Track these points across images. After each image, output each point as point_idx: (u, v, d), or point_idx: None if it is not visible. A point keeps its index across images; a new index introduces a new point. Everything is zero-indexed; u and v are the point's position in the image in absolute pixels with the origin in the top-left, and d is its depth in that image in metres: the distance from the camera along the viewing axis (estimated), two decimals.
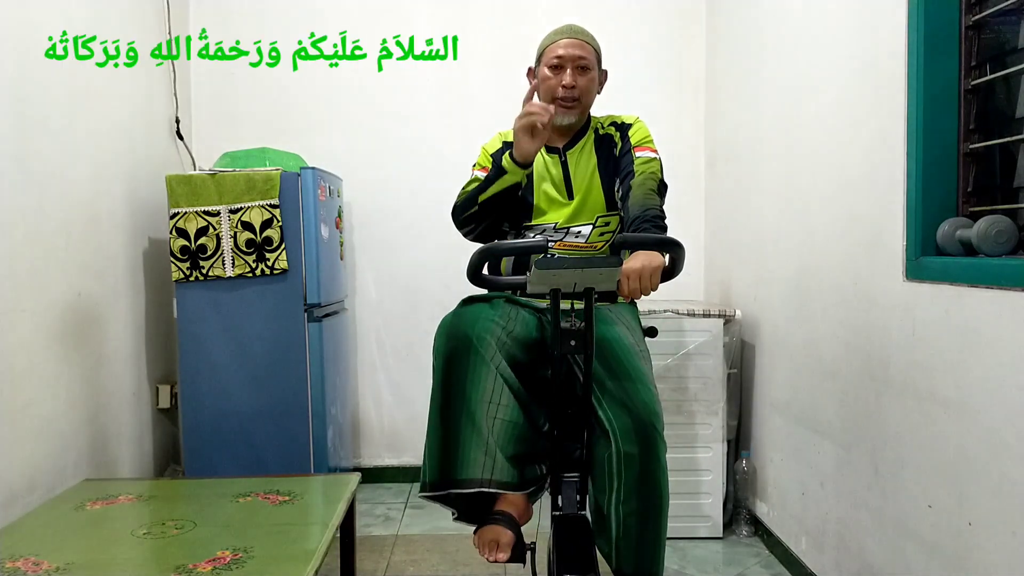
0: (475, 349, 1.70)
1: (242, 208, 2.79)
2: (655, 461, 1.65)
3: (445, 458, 1.69)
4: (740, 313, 2.89)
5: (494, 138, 2.05)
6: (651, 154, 1.91)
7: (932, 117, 1.71)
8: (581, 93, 1.90)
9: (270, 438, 2.84)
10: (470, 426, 1.67)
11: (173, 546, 1.74)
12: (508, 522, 1.66)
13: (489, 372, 1.70)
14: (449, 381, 1.71)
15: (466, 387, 1.69)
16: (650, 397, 1.69)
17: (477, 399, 1.68)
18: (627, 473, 1.64)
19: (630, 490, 1.64)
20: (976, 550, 1.55)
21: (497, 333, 1.74)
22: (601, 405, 1.69)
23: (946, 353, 1.64)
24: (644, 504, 1.65)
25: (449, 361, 1.72)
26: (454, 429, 1.69)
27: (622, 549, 1.67)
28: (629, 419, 1.65)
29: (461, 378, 1.70)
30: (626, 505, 1.65)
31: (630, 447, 1.63)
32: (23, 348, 2.15)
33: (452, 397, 1.70)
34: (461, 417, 1.68)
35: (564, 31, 1.93)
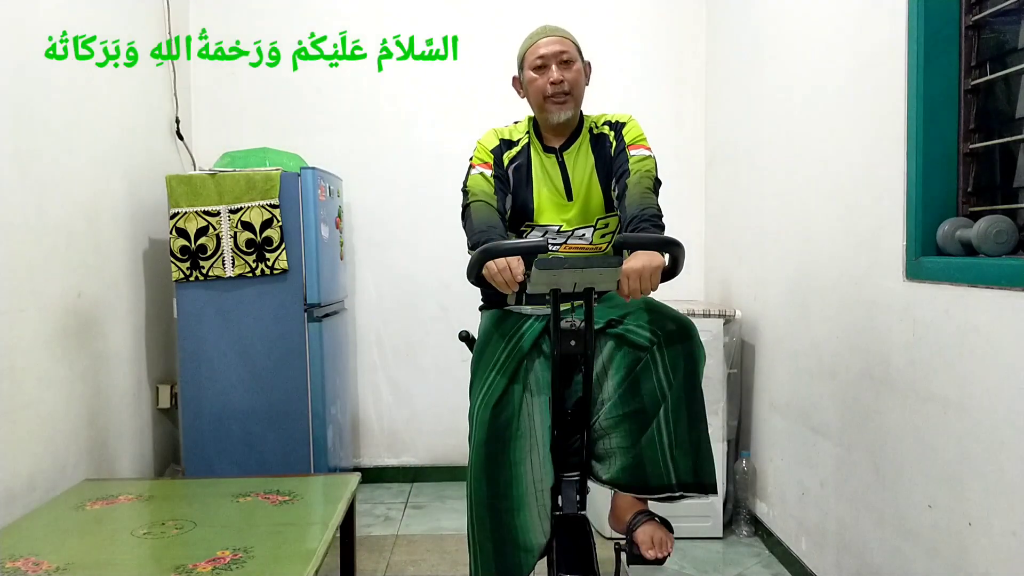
0: (514, 460, 1.74)
1: (242, 208, 2.79)
2: (698, 367, 1.78)
3: (502, 547, 1.74)
4: (740, 313, 2.89)
5: (488, 134, 2.03)
6: (645, 152, 1.90)
7: (932, 117, 1.71)
8: (571, 86, 1.89)
9: (270, 438, 2.84)
10: (523, 509, 1.74)
11: (173, 546, 1.74)
12: None
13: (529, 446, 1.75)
14: (494, 474, 1.74)
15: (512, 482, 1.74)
16: (677, 312, 1.83)
17: (527, 485, 1.74)
18: (675, 378, 1.73)
19: (679, 397, 1.74)
20: (976, 550, 1.55)
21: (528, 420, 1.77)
22: (632, 331, 1.78)
23: (946, 353, 1.64)
24: (692, 410, 1.75)
25: (489, 453, 1.74)
26: (508, 518, 1.74)
27: (679, 459, 1.73)
28: (670, 322, 1.78)
29: (505, 473, 1.74)
30: (675, 413, 1.73)
31: (675, 348, 1.74)
32: (23, 348, 2.15)
33: (499, 493, 1.74)
34: (513, 510, 1.73)
35: (539, 32, 1.93)
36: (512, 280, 1.56)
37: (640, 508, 1.81)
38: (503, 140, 1.99)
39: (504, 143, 1.98)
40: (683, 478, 1.74)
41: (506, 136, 2.00)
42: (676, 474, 1.73)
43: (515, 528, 1.72)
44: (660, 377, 1.75)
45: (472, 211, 1.86)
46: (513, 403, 1.75)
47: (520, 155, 1.96)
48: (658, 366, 1.75)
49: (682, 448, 1.74)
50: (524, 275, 1.57)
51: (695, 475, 1.74)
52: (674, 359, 1.75)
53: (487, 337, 1.88)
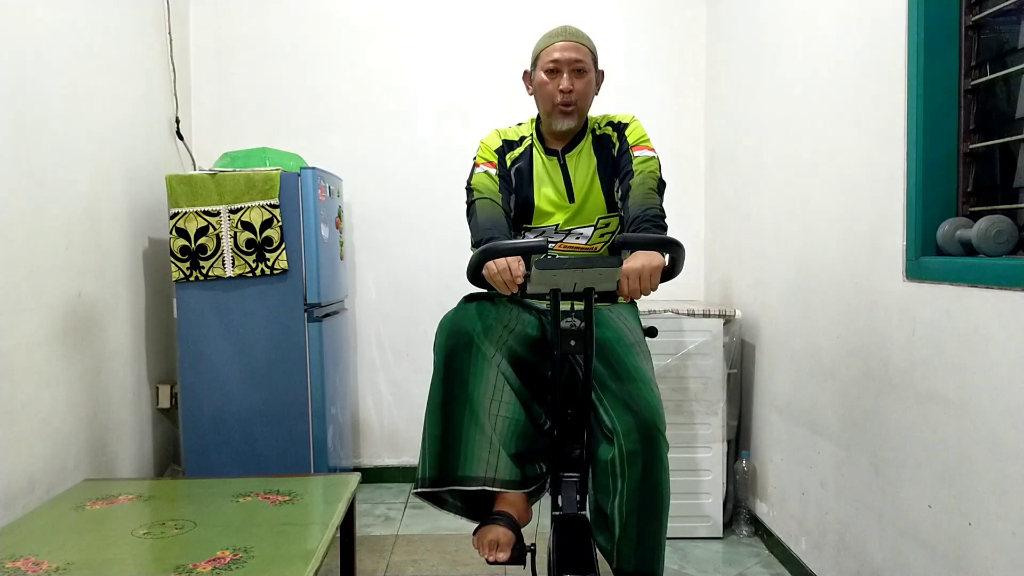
0: (476, 346, 1.70)
1: (242, 208, 2.79)
2: (658, 461, 1.66)
3: (446, 454, 1.69)
4: (740, 313, 2.89)
5: (491, 134, 2.03)
6: (649, 153, 1.90)
7: (932, 117, 1.71)
8: (579, 97, 1.88)
9: (270, 438, 2.84)
10: (473, 423, 1.67)
11: (173, 546, 1.74)
12: (508, 522, 1.66)
13: (491, 369, 1.70)
14: (451, 378, 1.71)
15: (468, 384, 1.69)
16: (652, 397, 1.69)
17: (480, 396, 1.68)
18: (630, 473, 1.64)
19: (632, 490, 1.65)
20: (976, 550, 1.55)
21: (499, 331, 1.74)
22: (603, 405, 1.69)
23: (946, 353, 1.64)
24: (646, 504, 1.66)
25: (450, 358, 1.72)
26: (456, 425, 1.69)
27: (623, 549, 1.67)
28: (632, 419, 1.65)
29: (463, 375, 1.70)
30: (628, 505, 1.65)
31: (633, 446, 1.63)
32: (23, 348, 2.15)
33: (454, 394, 1.70)
34: (464, 414, 1.68)
35: (559, 33, 1.90)
36: (512, 281, 1.56)
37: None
38: (506, 141, 1.99)
39: (507, 144, 1.98)
40: (623, 567, 1.68)
41: (509, 137, 2.00)
42: (618, 561, 1.68)
43: (465, 435, 1.68)
44: (616, 470, 1.66)
45: (477, 208, 1.86)
46: (484, 312, 1.74)
47: (522, 157, 1.96)
48: (615, 460, 1.66)
49: (629, 540, 1.67)
50: (524, 276, 1.56)
51: (636, 567, 1.67)
52: (631, 460, 1.65)
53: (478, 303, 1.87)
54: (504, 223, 1.80)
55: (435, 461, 1.70)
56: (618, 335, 1.80)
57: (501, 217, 1.82)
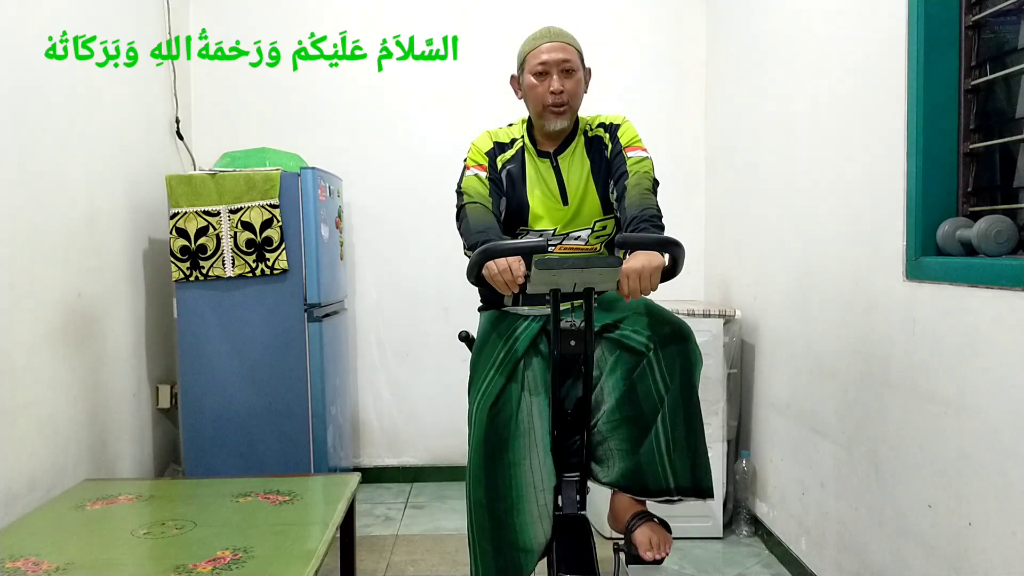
0: (512, 475, 1.75)
1: (242, 208, 2.79)
2: (695, 371, 1.78)
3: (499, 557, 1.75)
4: (740, 313, 2.89)
5: (482, 136, 2.01)
6: (642, 153, 1.90)
7: (932, 117, 1.71)
8: (569, 97, 1.87)
9: (270, 438, 2.84)
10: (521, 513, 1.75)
11: (173, 546, 1.74)
12: None
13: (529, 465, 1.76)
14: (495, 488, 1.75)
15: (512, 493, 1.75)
16: (674, 315, 1.83)
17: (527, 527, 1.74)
18: (672, 382, 1.74)
19: (676, 402, 1.74)
20: (976, 550, 1.55)
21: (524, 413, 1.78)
22: (628, 336, 1.79)
23: (946, 353, 1.64)
24: (690, 415, 1.76)
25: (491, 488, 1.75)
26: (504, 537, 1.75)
27: (676, 463, 1.74)
28: (666, 327, 1.78)
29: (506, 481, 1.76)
30: (672, 417, 1.74)
31: (671, 352, 1.75)
32: (23, 348, 2.15)
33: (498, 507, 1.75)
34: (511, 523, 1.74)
35: (543, 35, 1.89)
36: (512, 281, 1.56)
37: (638, 509, 1.81)
38: (497, 143, 1.97)
39: (498, 146, 1.97)
40: (680, 482, 1.75)
41: (500, 139, 1.99)
42: (674, 478, 1.74)
43: (514, 529, 1.72)
44: (657, 381, 1.76)
45: (468, 212, 1.85)
46: (511, 402, 1.76)
47: (514, 159, 1.95)
48: (655, 370, 1.76)
49: (680, 452, 1.75)
50: (524, 276, 1.56)
51: (692, 479, 1.76)
52: (670, 363, 1.75)
53: (485, 338, 1.89)
54: (496, 225, 1.80)
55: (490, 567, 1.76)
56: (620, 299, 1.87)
57: (492, 220, 1.81)
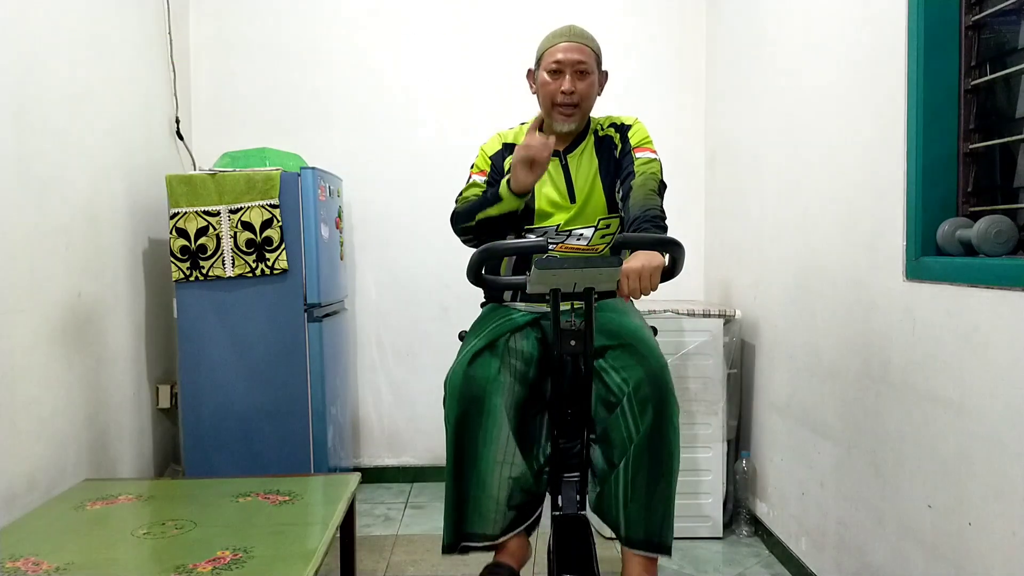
0: (487, 411, 1.74)
1: (242, 208, 2.79)
2: (668, 417, 1.67)
3: (459, 520, 1.77)
4: (740, 313, 2.89)
5: (492, 139, 2.04)
6: (651, 155, 1.91)
7: (932, 117, 1.71)
8: (580, 99, 1.88)
9: (270, 438, 2.84)
10: (481, 490, 1.74)
11: (173, 546, 1.74)
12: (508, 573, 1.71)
13: (500, 431, 1.74)
14: (462, 446, 1.76)
15: (478, 452, 1.74)
16: (659, 356, 1.73)
17: (488, 463, 1.74)
18: (641, 424, 1.66)
19: (641, 446, 1.66)
20: (976, 550, 1.55)
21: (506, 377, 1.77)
22: (608, 372, 1.73)
23: (946, 353, 1.64)
24: (654, 463, 1.67)
25: (461, 426, 1.75)
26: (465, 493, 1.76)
27: (631, 514, 1.67)
28: (642, 371, 1.68)
29: (474, 443, 1.75)
30: (636, 462, 1.66)
31: (643, 397, 1.66)
32: (23, 348, 2.15)
33: (464, 461, 1.76)
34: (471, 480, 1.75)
35: (563, 33, 1.90)
36: (544, 147, 1.66)
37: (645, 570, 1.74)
38: (506, 144, 2.00)
39: (506, 147, 1.99)
40: (631, 534, 1.68)
41: (510, 140, 2.01)
42: (625, 528, 1.68)
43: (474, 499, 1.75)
44: (629, 426, 1.69)
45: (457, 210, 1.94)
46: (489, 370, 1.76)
47: None
48: (627, 415, 1.69)
49: (637, 503, 1.67)
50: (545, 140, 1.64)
51: (645, 532, 1.67)
52: (642, 410, 1.67)
53: (479, 320, 1.94)
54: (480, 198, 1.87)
55: (451, 527, 1.78)
56: (620, 315, 1.84)
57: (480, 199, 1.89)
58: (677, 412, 1.70)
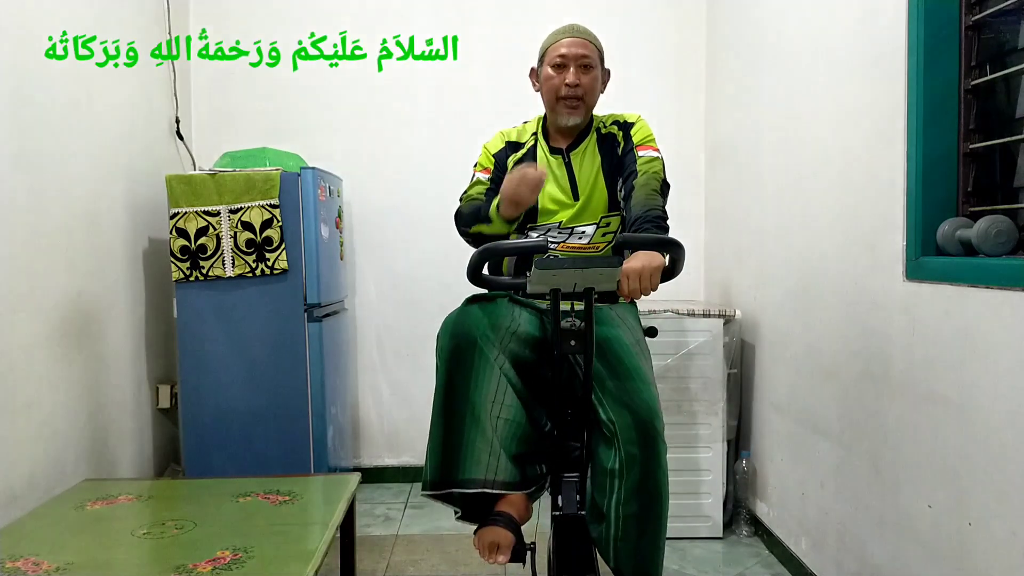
0: (479, 349, 1.70)
1: (242, 208, 2.79)
2: (655, 461, 1.65)
3: (448, 457, 1.69)
4: (740, 313, 2.89)
5: (495, 137, 2.05)
6: (654, 153, 1.91)
7: (932, 117, 1.71)
8: (585, 92, 1.90)
9: (270, 438, 2.84)
10: (474, 426, 1.68)
11: (173, 546, 1.74)
12: (508, 523, 1.65)
13: (493, 372, 1.70)
14: (452, 380, 1.71)
15: (470, 386, 1.69)
16: (651, 396, 1.69)
17: (481, 399, 1.68)
18: (628, 474, 1.63)
19: (630, 492, 1.64)
20: (976, 550, 1.55)
21: (501, 332, 1.74)
22: (602, 404, 1.69)
23: (946, 353, 1.64)
24: (644, 506, 1.65)
25: (453, 360, 1.72)
26: (457, 428, 1.69)
27: (621, 550, 1.66)
28: (630, 418, 1.64)
29: (465, 377, 1.70)
30: (626, 507, 1.64)
31: (631, 447, 1.63)
32: (23, 348, 2.15)
33: (455, 396, 1.70)
34: (465, 416, 1.68)
35: (567, 30, 1.92)
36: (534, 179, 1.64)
37: None
38: (509, 143, 2.00)
39: (510, 145, 1.99)
40: (621, 567, 1.67)
41: (513, 138, 2.01)
42: (615, 561, 1.67)
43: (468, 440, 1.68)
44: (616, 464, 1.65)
45: (461, 210, 1.93)
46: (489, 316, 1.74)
47: (526, 157, 1.97)
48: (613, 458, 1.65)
49: (628, 543, 1.65)
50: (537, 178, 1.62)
51: (633, 570, 1.66)
52: (630, 460, 1.63)
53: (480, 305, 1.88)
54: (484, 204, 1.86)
55: (437, 464, 1.71)
56: (617, 334, 1.80)
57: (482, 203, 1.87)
58: (665, 451, 1.67)
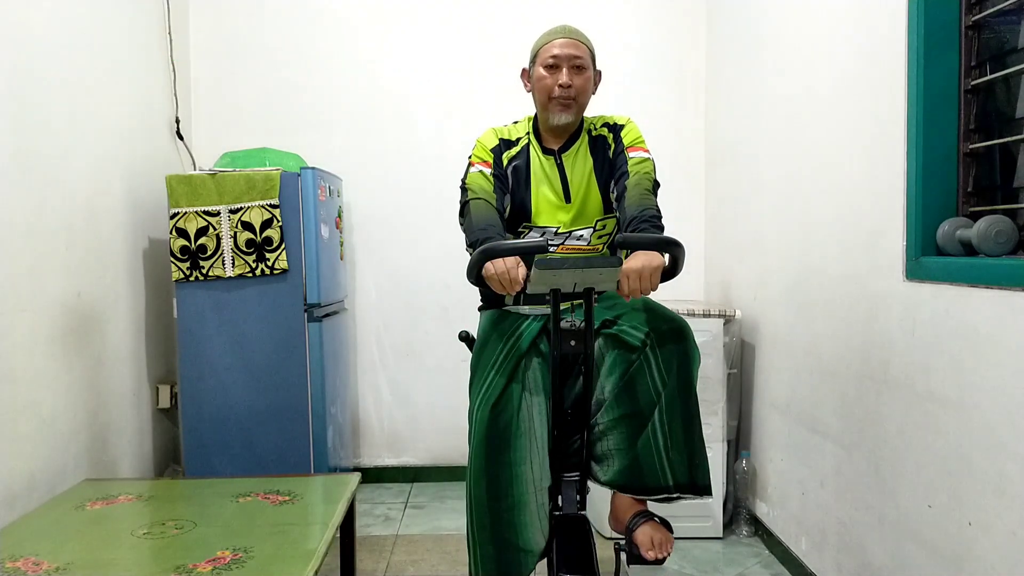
0: (514, 475, 1.75)
1: (242, 208, 2.79)
2: (692, 367, 1.77)
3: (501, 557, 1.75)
4: (740, 313, 2.89)
5: (487, 133, 2.02)
6: (644, 154, 1.91)
7: (932, 117, 1.71)
8: (577, 92, 1.89)
9: (270, 438, 2.84)
10: (521, 511, 1.75)
11: (173, 546, 1.74)
12: None
13: (529, 463, 1.76)
14: (492, 477, 1.75)
15: (511, 476, 1.75)
16: (674, 313, 1.83)
17: (523, 484, 1.75)
18: (668, 378, 1.73)
19: (672, 398, 1.74)
20: (976, 550, 1.55)
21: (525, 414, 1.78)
22: (626, 332, 1.79)
23: (946, 353, 1.64)
24: (687, 408, 1.75)
25: (489, 460, 1.75)
26: (507, 520, 1.75)
27: (674, 460, 1.74)
28: (659, 320, 1.78)
29: (504, 471, 1.75)
30: (670, 413, 1.73)
31: (668, 349, 1.74)
32: (23, 348, 2.15)
33: (498, 492, 1.75)
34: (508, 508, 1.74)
35: (559, 31, 1.92)
36: (511, 283, 1.57)
37: (639, 509, 1.81)
38: (502, 140, 1.99)
39: (503, 143, 1.98)
40: (679, 479, 1.75)
41: (505, 136, 2.00)
42: (672, 475, 1.74)
43: (515, 528, 1.72)
44: (654, 377, 1.75)
45: (471, 208, 1.85)
46: (512, 402, 1.76)
47: (519, 156, 1.96)
48: (652, 367, 1.76)
49: (677, 449, 1.74)
50: (524, 279, 1.56)
51: (690, 477, 1.75)
52: (667, 359, 1.75)
53: (485, 337, 1.89)
54: (498, 223, 1.81)
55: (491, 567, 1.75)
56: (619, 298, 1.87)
57: (495, 217, 1.82)
58: (699, 359, 1.80)
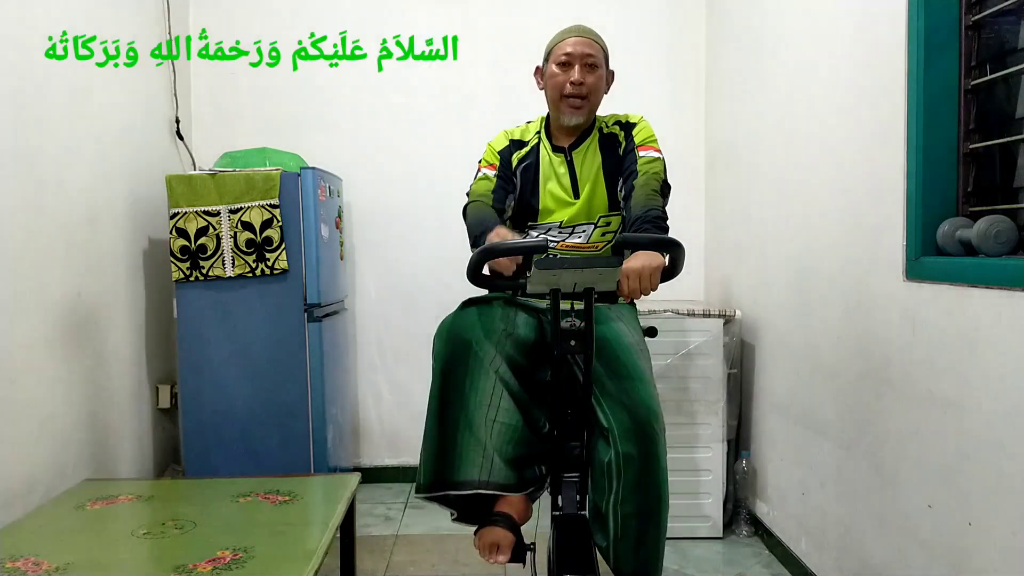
0: (474, 353, 1.70)
1: (242, 208, 2.79)
2: (655, 462, 1.64)
3: (441, 460, 1.69)
4: (740, 313, 2.89)
5: (499, 136, 2.05)
6: (655, 154, 1.91)
7: (932, 117, 1.71)
8: (589, 91, 1.90)
9: (270, 438, 2.84)
10: (467, 429, 1.68)
11: (173, 546, 1.74)
12: (508, 523, 1.65)
13: (487, 376, 1.70)
14: (447, 385, 1.71)
15: (464, 391, 1.69)
16: (649, 396, 1.68)
17: (475, 403, 1.68)
18: (626, 474, 1.63)
19: (628, 491, 1.63)
20: (976, 550, 1.55)
21: (496, 335, 1.74)
22: (600, 405, 1.68)
23: (946, 353, 1.64)
24: (643, 506, 1.64)
25: (447, 365, 1.72)
26: (451, 432, 1.69)
27: (620, 550, 1.66)
28: (628, 419, 1.64)
29: (459, 382, 1.70)
30: (624, 506, 1.64)
31: (629, 448, 1.62)
32: (23, 348, 2.15)
33: (450, 401, 1.71)
34: (459, 420, 1.69)
35: (573, 30, 1.94)
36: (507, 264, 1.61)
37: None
38: (513, 141, 2.01)
39: (514, 143, 2.00)
40: (621, 567, 1.66)
41: (516, 137, 2.01)
42: (615, 561, 1.67)
43: (462, 443, 1.67)
44: (612, 463, 1.64)
45: (468, 211, 1.90)
46: (484, 319, 1.74)
47: (529, 155, 1.98)
48: (611, 460, 1.64)
49: (626, 542, 1.65)
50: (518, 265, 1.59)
51: (633, 571, 1.65)
52: (627, 456, 1.62)
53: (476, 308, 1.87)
54: (494, 216, 1.84)
55: (431, 467, 1.71)
56: (617, 334, 1.79)
57: (489, 212, 1.85)
58: (664, 450, 1.66)
